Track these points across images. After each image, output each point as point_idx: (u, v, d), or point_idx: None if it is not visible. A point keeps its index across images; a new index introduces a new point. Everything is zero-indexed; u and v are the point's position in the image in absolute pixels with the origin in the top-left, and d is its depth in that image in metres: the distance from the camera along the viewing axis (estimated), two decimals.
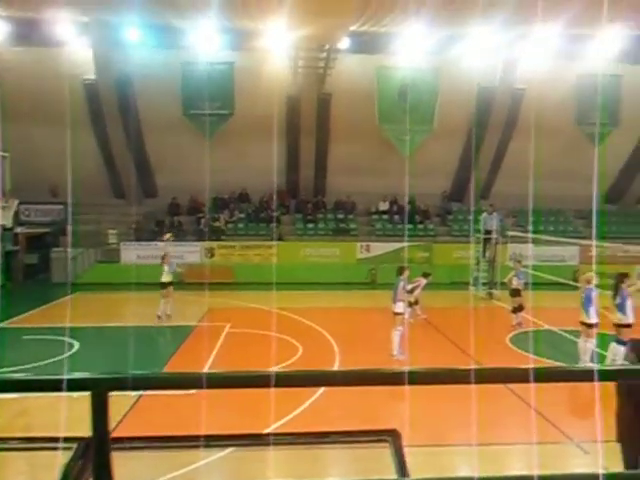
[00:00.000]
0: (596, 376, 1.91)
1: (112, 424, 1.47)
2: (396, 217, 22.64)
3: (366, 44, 20.10)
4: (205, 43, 18.68)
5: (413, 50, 19.58)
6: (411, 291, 13.21)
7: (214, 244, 20.72)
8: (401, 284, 10.66)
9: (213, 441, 1.81)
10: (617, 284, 9.88)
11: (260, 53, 19.43)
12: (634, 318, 9.70)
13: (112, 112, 20.64)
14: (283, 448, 1.78)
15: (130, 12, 16.98)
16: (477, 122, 20.80)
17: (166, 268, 13.76)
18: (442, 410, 7.98)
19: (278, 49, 18.96)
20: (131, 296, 14.56)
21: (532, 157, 18.80)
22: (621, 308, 9.71)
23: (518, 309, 13.54)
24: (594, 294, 9.90)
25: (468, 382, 1.75)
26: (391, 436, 1.79)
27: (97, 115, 20.76)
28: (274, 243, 20.35)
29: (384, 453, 1.75)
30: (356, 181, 22.33)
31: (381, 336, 12.00)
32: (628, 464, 4.87)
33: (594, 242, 19.81)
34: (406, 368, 1.76)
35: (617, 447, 5.05)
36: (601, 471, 1.79)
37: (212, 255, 13.73)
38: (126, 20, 18.38)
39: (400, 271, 10.91)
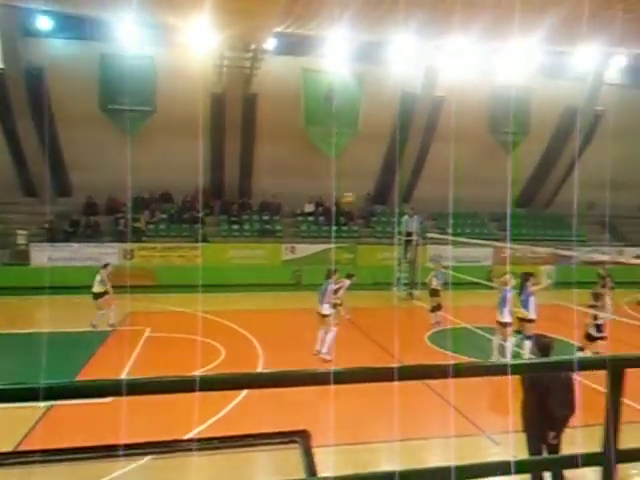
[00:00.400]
0: (505, 370, 2.08)
1: (17, 437, 1.43)
2: (321, 219, 22.92)
3: (293, 46, 20.24)
4: (125, 36, 18.02)
5: (339, 54, 19.94)
6: (335, 292, 13.45)
7: (134, 245, 20.00)
8: (330, 287, 10.74)
9: (129, 450, 1.78)
10: (522, 282, 10.70)
11: (184, 50, 19.00)
12: (536, 314, 10.50)
13: (22, 104, 19.41)
14: (196, 454, 1.79)
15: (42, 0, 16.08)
16: (400, 127, 21.53)
17: (98, 278, 13.00)
18: (362, 408, 8.21)
19: (202, 47, 18.64)
20: (41, 300, 13.76)
21: (451, 162, 19.73)
22: (525, 305, 10.50)
23: (436, 308, 14.17)
24: (509, 295, 10.49)
25: (391, 379, 1.87)
26: (301, 437, 1.83)
27: (5, 107, 19.44)
28: (198, 244, 19.97)
29: (294, 454, 1.80)
30: (282, 182, 22.39)
31: (307, 337, 12.13)
32: (532, 452, 5.28)
33: (508, 244, 21.09)
34: (330, 368, 1.84)
35: (524, 437, 5.47)
36: (511, 459, 1.97)
37: (131, 257, 13.24)
38: (37, 8, 17.36)
39: (329, 274, 11.01)
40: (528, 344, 10.46)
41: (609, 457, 1.94)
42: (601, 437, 2.00)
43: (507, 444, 6.80)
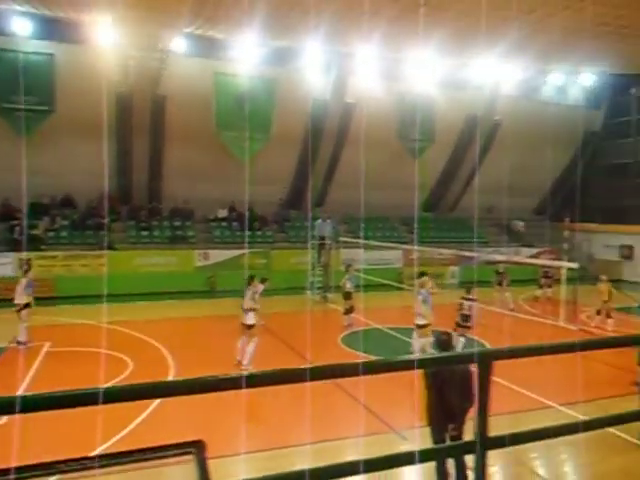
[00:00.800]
0: (408, 365, 2.28)
1: None
2: (235, 224, 22.75)
3: (204, 48, 19.99)
4: (22, 30, 16.92)
5: (251, 58, 19.97)
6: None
7: (31, 255, 18.75)
8: (249, 294, 10.54)
9: (26, 472, 1.72)
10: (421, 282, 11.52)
11: (87, 47, 18.18)
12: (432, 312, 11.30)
13: None
14: (87, 473, 1.76)
15: None
16: (312, 133, 21.90)
17: (19, 289, 11.88)
18: (273, 413, 8.31)
19: (106, 44, 17.92)
20: None
21: (362, 168, 20.38)
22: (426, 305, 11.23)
23: (349, 310, 14.57)
24: (423, 297, 10.91)
25: (303, 380, 1.99)
26: (196, 447, 1.85)
27: None
28: (104, 252, 19.12)
29: (189, 465, 1.82)
30: (194, 187, 21.98)
31: (222, 345, 12.02)
32: (436, 444, 5.63)
33: (415, 246, 22.06)
34: (243, 372, 1.93)
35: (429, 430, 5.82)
36: (417, 448, 2.17)
37: (29, 267, 12.45)
38: None
39: (249, 281, 10.85)
40: (420, 340, 11.19)
41: (480, 445, 2.18)
42: (495, 426, 2.23)
43: (414, 439, 7.19)
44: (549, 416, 8.16)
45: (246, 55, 19.85)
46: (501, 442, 2.22)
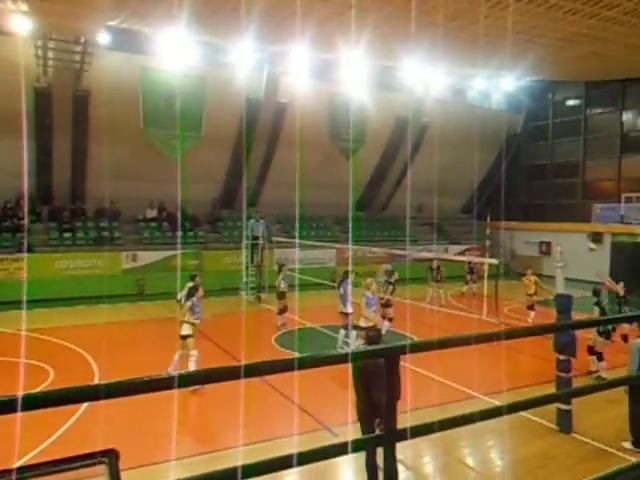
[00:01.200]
0: (341, 359, 2.30)
1: None
2: (165, 224, 22.16)
3: (131, 43, 19.32)
4: None
5: (180, 54, 19.50)
6: (180, 300, 13.17)
7: None
8: (189, 303, 9.67)
9: None
10: (342, 280, 11.82)
11: (1, 38, 17.10)
12: (353, 308, 11.67)
13: None
14: None
15: None
16: (245, 132, 21.70)
17: None
18: (205, 415, 8.18)
19: (23, 35, 16.94)
20: None
21: (296, 167, 20.45)
22: (343, 299, 11.50)
23: (283, 310, 14.59)
24: (367, 300, 10.76)
25: (237, 377, 1.97)
26: (108, 457, 1.79)
27: None
28: (22, 255, 18.06)
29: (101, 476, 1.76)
30: (121, 187, 21.16)
31: (152, 350, 11.69)
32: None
33: (350, 245, 22.37)
34: (169, 374, 1.88)
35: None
36: (349, 439, 2.19)
37: None
38: None
39: (193, 290, 9.93)
40: (353, 333, 11.40)
41: (388, 437, 2.25)
42: (422, 418, 2.29)
43: (346, 435, 7.29)
44: (473, 406, 8.51)
45: (175, 51, 19.37)
46: (411, 433, 2.29)
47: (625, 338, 10.26)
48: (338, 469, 6.62)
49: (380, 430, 5.52)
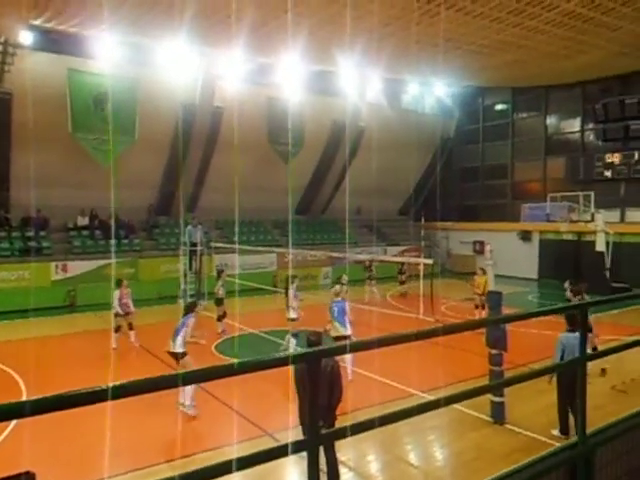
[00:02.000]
0: (276, 363, 2.27)
1: None
2: (97, 232, 21.34)
3: (57, 43, 18.51)
4: None
5: (110, 56, 18.88)
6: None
7: None
8: (189, 321, 8.79)
9: None
10: (287, 286, 11.85)
11: None
12: (299, 313, 11.87)
13: None
14: None
15: None
16: (181, 136, 21.27)
17: None
18: (142, 428, 7.92)
19: None
20: None
21: (235, 171, 20.22)
22: (290, 304, 11.53)
23: (222, 317, 14.39)
24: (338, 309, 10.22)
25: (174, 385, 1.91)
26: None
27: None
28: None
29: None
30: (49, 194, 20.18)
31: (83, 365, 11.20)
32: None
33: (290, 249, 22.37)
34: (108, 384, 1.79)
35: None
36: (289, 441, 2.16)
37: None
38: None
39: (190, 308, 9.19)
40: (293, 341, 11.43)
41: (311, 441, 2.25)
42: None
43: (287, 440, 7.24)
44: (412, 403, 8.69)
45: (104, 52, 18.73)
46: (334, 436, 2.31)
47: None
48: (281, 474, 6.57)
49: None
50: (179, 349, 8.64)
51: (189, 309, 9.21)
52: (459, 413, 8.01)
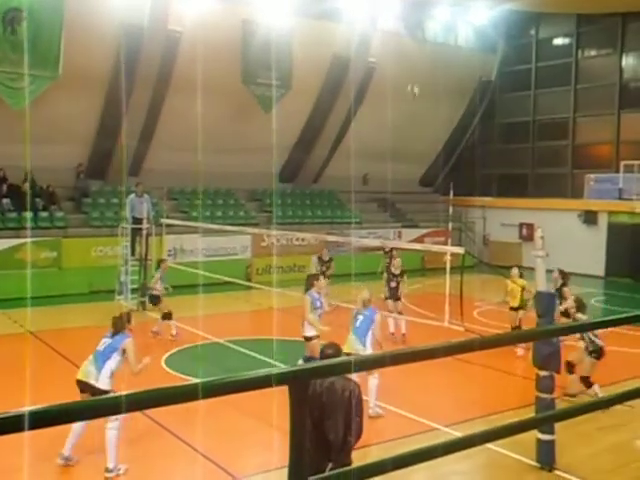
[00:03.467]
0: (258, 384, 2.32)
1: None
2: (6, 201, 21.25)
3: None
4: None
5: None
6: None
7: None
8: (128, 345, 8.16)
9: None
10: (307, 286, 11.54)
11: None
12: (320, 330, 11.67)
13: None
14: None
15: None
16: (123, 72, 21.07)
17: None
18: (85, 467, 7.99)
19: None
20: None
21: (196, 122, 20.10)
22: (308, 316, 11.32)
23: (167, 316, 14.55)
24: (376, 317, 10.18)
25: (116, 412, 1.95)
26: None
27: None
28: None
29: None
30: None
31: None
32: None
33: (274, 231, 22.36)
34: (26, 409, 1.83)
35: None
36: None
37: None
38: None
39: (121, 324, 8.47)
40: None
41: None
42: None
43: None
44: (432, 440, 8.78)
45: None
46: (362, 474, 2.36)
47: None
48: None
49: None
50: (102, 385, 7.95)
51: (121, 325, 8.41)
52: (495, 454, 8.13)
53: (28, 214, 20.58)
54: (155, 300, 15.03)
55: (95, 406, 2.11)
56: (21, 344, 12.94)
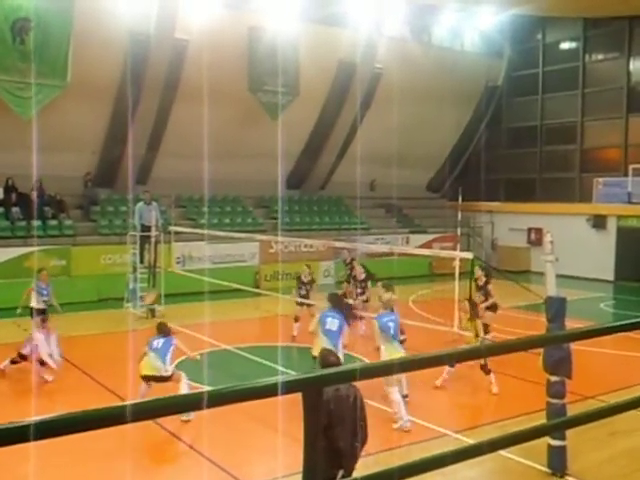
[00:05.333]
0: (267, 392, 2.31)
1: None
2: (15, 210, 21.36)
3: None
4: None
5: None
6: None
7: None
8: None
9: None
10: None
11: None
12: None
13: None
14: None
15: None
16: (131, 81, 21.20)
17: None
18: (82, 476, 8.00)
19: None
20: None
21: (203, 130, 20.18)
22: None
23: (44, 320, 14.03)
24: (398, 318, 10.35)
25: (122, 422, 1.95)
26: None
27: None
28: None
29: None
30: None
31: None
32: None
33: (279, 237, 22.39)
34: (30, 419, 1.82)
35: None
36: None
37: None
38: None
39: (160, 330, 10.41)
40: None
41: None
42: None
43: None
44: (442, 447, 8.75)
45: None
46: None
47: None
48: None
49: None
50: (170, 372, 9.99)
51: (167, 329, 10.42)
52: (505, 460, 8.08)
53: (37, 222, 20.69)
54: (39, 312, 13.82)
55: (105, 415, 2.09)
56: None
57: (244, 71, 23.87)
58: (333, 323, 10.23)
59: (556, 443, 8.00)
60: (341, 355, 9.75)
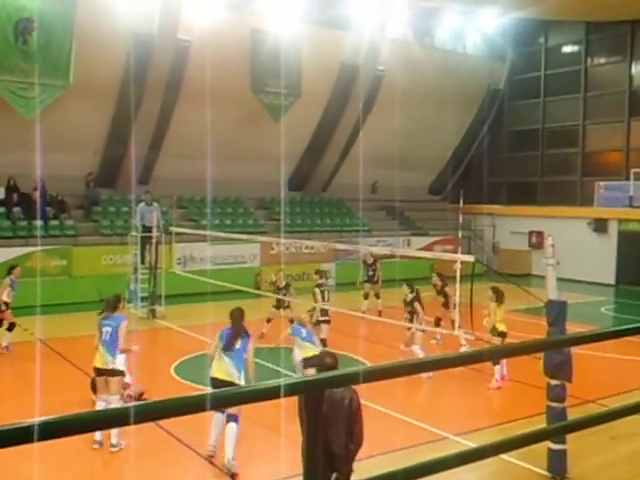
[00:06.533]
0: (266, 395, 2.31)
1: None
2: (17, 210, 21.38)
3: None
4: None
5: None
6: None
7: None
8: (122, 324, 9.15)
9: None
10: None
11: None
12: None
13: None
14: None
15: None
16: (133, 81, 21.23)
17: None
18: None
19: None
20: None
21: (205, 130, 20.18)
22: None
23: (11, 327, 13.96)
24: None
25: (125, 423, 1.96)
26: None
27: None
28: None
29: None
30: None
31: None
32: None
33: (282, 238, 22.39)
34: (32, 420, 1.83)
35: None
36: None
37: None
38: None
39: (113, 305, 9.40)
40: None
41: None
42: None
43: None
44: (443, 450, 8.75)
45: None
46: None
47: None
48: None
49: None
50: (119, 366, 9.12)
51: (114, 305, 9.36)
52: (505, 464, 8.07)
53: (38, 222, 20.70)
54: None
55: (107, 417, 2.10)
56: (31, 352, 12.97)
57: (246, 72, 23.89)
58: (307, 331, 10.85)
59: (556, 447, 8.00)
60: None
